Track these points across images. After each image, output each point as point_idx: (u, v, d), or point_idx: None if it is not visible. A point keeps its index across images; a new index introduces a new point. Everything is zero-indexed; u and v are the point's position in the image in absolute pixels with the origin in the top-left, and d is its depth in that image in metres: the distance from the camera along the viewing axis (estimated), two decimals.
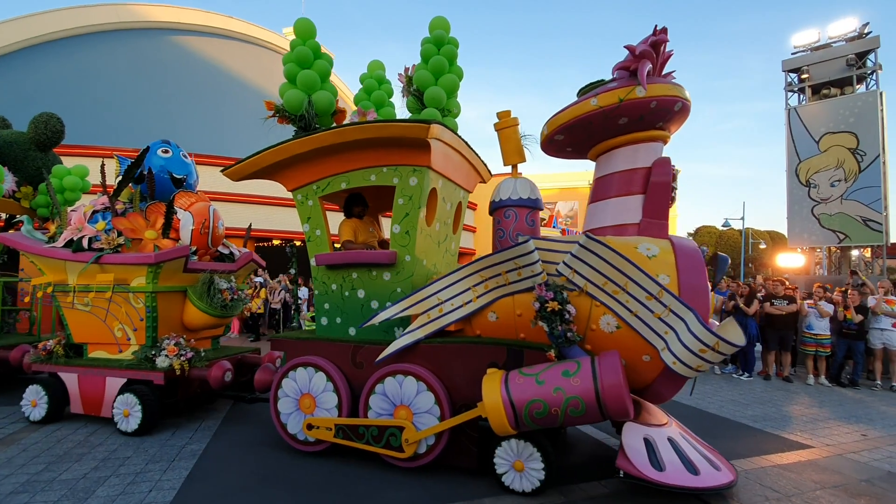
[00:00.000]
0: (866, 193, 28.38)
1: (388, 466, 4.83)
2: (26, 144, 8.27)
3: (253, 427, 6.14)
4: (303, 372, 5.09)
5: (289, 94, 5.26)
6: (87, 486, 4.33)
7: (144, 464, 4.87)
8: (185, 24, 25.08)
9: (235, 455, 5.18)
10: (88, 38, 21.12)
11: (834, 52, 29.68)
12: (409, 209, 5.00)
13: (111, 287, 6.05)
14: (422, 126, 4.63)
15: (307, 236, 5.41)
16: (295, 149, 5.14)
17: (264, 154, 5.27)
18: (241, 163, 5.39)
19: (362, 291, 5.17)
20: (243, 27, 28.10)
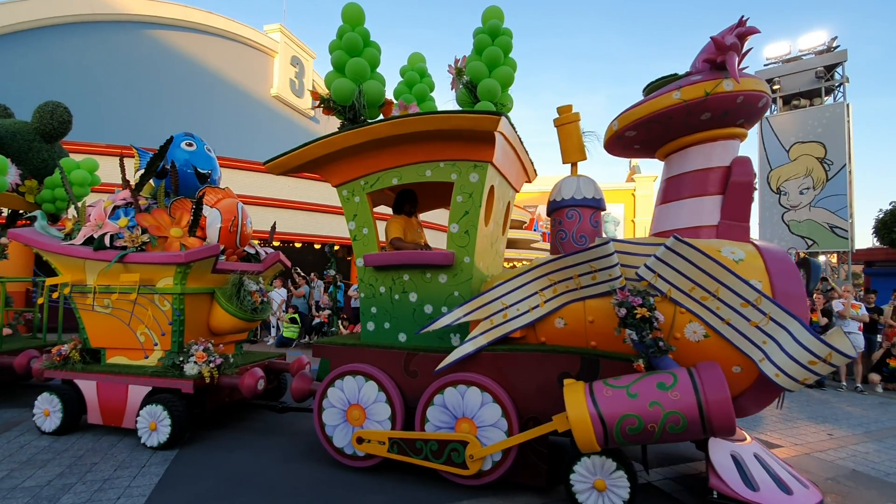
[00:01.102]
0: (833, 201, 28.71)
1: (367, 470, 4.49)
2: (31, 135, 7.49)
3: (228, 431, 5.67)
4: (351, 381, 4.50)
5: (338, 83, 4.67)
6: (52, 493, 3.95)
7: (113, 470, 4.46)
8: (163, 18, 23.51)
9: (209, 459, 4.78)
10: (60, 28, 19.57)
11: (804, 65, 29.98)
12: (468, 207, 4.46)
13: (136, 288, 5.37)
14: (492, 118, 4.10)
15: (353, 235, 4.82)
16: (346, 141, 4.56)
17: (312, 146, 4.67)
18: (285, 155, 4.78)
19: (414, 295, 4.61)
20: (224, 23, 26.55)
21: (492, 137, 4.26)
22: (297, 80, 31.05)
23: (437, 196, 5.81)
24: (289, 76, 30.45)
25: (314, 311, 12.85)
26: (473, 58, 5.13)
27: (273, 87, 29.55)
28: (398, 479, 4.36)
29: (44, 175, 7.49)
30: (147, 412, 5.14)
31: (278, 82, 29.69)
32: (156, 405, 5.12)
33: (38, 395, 5.46)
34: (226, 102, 26.50)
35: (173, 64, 24.05)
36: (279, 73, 29.82)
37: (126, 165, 5.91)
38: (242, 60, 27.76)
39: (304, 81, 31.46)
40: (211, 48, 26.07)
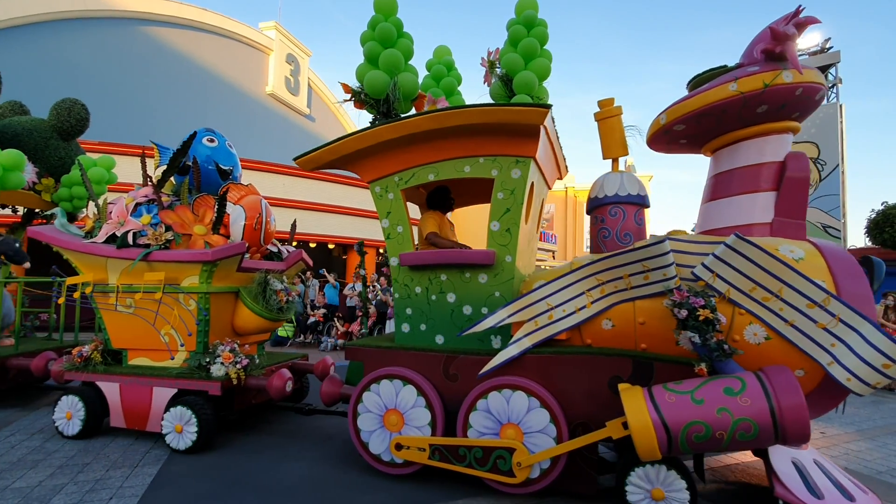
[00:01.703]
0: (826, 201, 28.46)
1: (361, 470, 4.34)
2: (47, 133, 7.16)
3: (223, 430, 5.41)
4: (388, 385, 4.22)
5: (371, 75, 4.37)
6: (43, 494, 3.81)
7: (105, 470, 4.30)
8: (156, 15, 22.69)
9: (203, 460, 4.60)
10: (52, 25, 18.84)
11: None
12: (510, 204, 4.17)
13: (161, 287, 5.07)
14: (538, 111, 3.81)
15: (386, 233, 4.53)
16: (382, 135, 4.26)
17: (346, 141, 4.36)
18: (318, 151, 4.47)
19: (452, 295, 4.32)
20: (219, 20, 25.70)
21: (537, 131, 3.98)
22: (293, 78, 30.24)
23: (471, 192, 5.51)
24: (284, 74, 29.61)
25: (309, 310, 12.54)
26: (508, 50, 4.83)
27: (268, 84, 28.75)
28: (395, 477, 4.20)
29: (60, 173, 7.17)
30: (173, 415, 4.85)
31: (273, 80, 28.86)
32: (182, 407, 4.83)
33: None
34: (220, 100, 25.74)
35: (167, 61, 23.29)
36: (274, 70, 28.99)
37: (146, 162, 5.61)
38: (237, 58, 26.97)
39: (299, 79, 30.68)
40: (205, 45, 25.31)
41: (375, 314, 11.92)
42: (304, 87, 31.11)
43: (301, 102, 30.70)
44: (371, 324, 11.74)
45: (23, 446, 4.90)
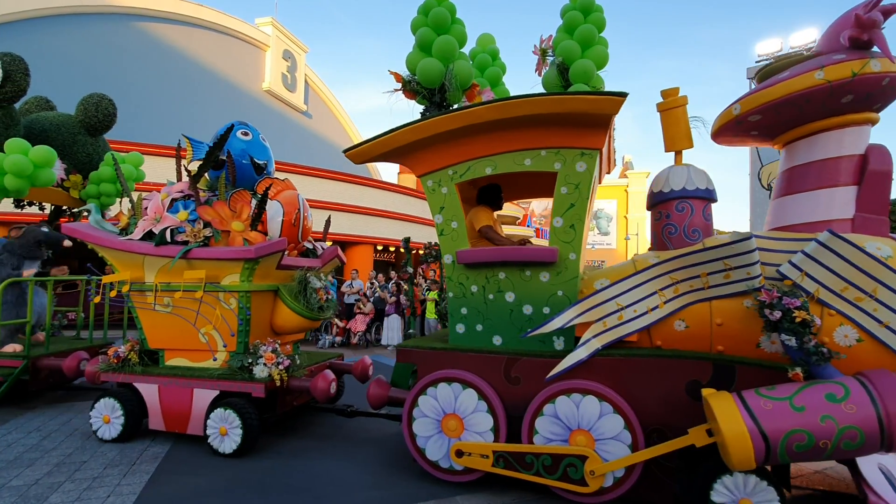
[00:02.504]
0: None
1: (362, 468, 4.24)
2: (75, 128, 6.80)
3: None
4: (446, 389, 3.90)
5: (425, 63, 4.04)
6: (40, 492, 3.70)
7: (102, 468, 4.16)
8: (152, 11, 21.97)
9: (200, 458, 4.46)
10: (48, 20, 18.20)
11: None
12: (574, 199, 3.85)
13: (202, 286, 4.74)
14: (614, 99, 3.49)
15: (440, 229, 4.20)
16: (439, 126, 3.92)
17: (400, 133, 4.03)
18: (369, 143, 4.13)
19: (511, 294, 4.00)
20: (214, 16, 24.97)
21: (607, 122, 3.66)
22: (290, 75, 29.47)
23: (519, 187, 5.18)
24: (281, 70, 28.84)
25: None
26: (563, 37, 4.50)
27: (265, 81, 27.99)
28: (393, 476, 4.12)
29: (88, 170, 6.81)
30: (217, 417, 4.53)
31: (270, 76, 28.11)
32: (226, 410, 4.51)
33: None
34: (217, 96, 24.97)
35: (163, 57, 22.55)
36: (271, 67, 28.23)
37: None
38: (233, 54, 26.22)
39: (296, 76, 29.93)
40: (201, 41, 24.57)
41: (373, 311, 11.77)
42: (301, 83, 30.33)
43: (298, 99, 29.92)
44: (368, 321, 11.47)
45: (20, 444, 4.71)
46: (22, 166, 5.40)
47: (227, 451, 4.48)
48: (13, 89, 5.71)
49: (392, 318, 11.62)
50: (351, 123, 34.79)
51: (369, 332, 12.03)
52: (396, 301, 11.63)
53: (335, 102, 33.75)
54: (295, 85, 29.87)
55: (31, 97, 7.18)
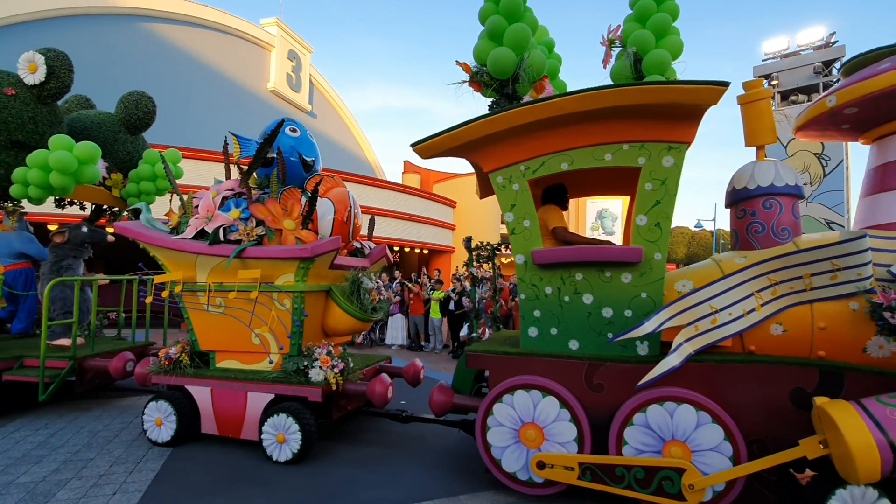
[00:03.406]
0: (830, 197, 27.49)
1: (364, 468, 4.10)
2: (115, 126, 6.49)
3: None
4: (524, 396, 3.56)
5: (497, 53, 3.69)
6: (47, 489, 3.63)
7: (109, 465, 4.08)
8: (157, 12, 21.28)
9: (206, 455, 4.35)
10: (54, 21, 17.65)
11: (802, 60, 28.58)
12: (660, 196, 3.50)
13: (258, 286, 4.42)
14: (715, 89, 3.14)
15: (510, 228, 3.85)
16: (518, 118, 3.57)
17: (473, 126, 3.67)
18: (440, 136, 3.78)
19: (589, 296, 3.65)
20: (220, 17, 24.20)
21: (701, 114, 3.31)
22: (294, 75, 28.66)
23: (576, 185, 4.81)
24: (285, 70, 28.04)
25: None
26: (634, 27, 4.14)
27: (270, 81, 27.22)
28: (393, 474, 4.02)
29: (128, 168, 6.50)
30: (274, 423, 4.22)
31: (275, 77, 27.32)
32: (284, 415, 4.20)
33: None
34: (222, 97, 24.26)
35: (168, 58, 21.93)
36: (276, 67, 27.44)
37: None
38: (238, 54, 25.46)
39: (301, 76, 29.10)
40: (206, 42, 23.85)
41: None
42: (306, 83, 29.51)
43: (303, 99, 29.13)
44: None
45: (27, 441, 4.60)
46: (67, 163, 5.09)
47: (284, 459, 4.17)
48: (57, 86, 5.40)
49: (396, 318, 11.29)
50: (356, 123, 34.24)
51: (374, 331, 11.69)
52: (401, 300, 11.29)
53: (340, 102, 33.11)
54: (300, 85, 29.08)
55: (71, 96, 6.89)
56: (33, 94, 5.39)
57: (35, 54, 5.37)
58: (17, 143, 5.30)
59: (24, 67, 5.38)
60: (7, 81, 5.26)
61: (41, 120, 5.44)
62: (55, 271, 5.56)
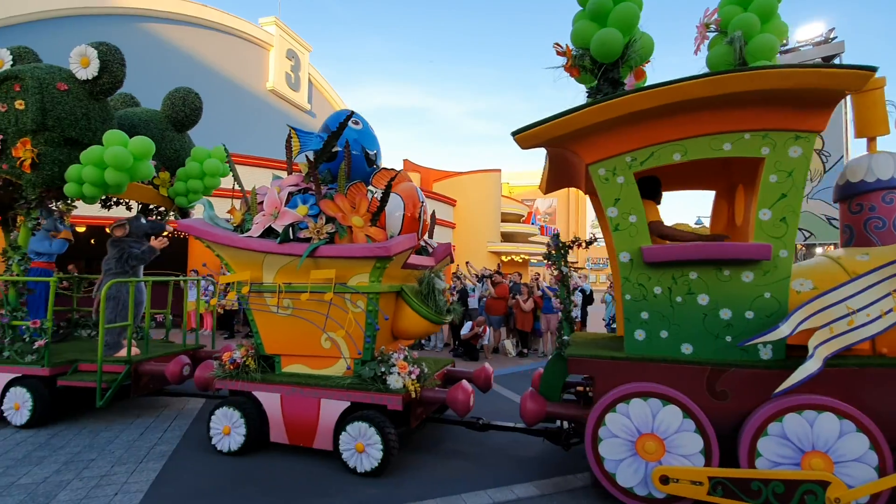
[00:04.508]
0: (830, 193, 27.17)
1: None
2: (163, 124, 6.13)
3: None
4: (641, 405, 3.21)
5: (603, 35, 3.34)
6: (48, 490, 3.55)
7: (110, 466, 3.98)
8: (156, 12, 20.67)
9: (207, 456, 4.21)
10: (53, 22, 17.08)
11: (801, 56, 28.23)
12: (786, 189, 3.16)
13: (332, 287, 4.06)
14: (861, 74, 2.83)
15: (614, 224, 3.50)
16: (635, 105, 3.21)
17: (583, 113, 3.31)
18: (544, 124, 3.41)
19: (705, 297, 3.30)
20: (218, 16, 23.58)
21: (836, 101, 2.98)
22: (293, 74, 27.98)
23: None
24: (284, 70, 27.35)
25: None
26: (734, 10, 3.78)
27: (269, 80, 26.55)
28: (395, 473, 3.88)
29: (175, 166, 6.13)
30: (353, 432, 3.86)
31: (274, 76, 26.65)
32: (364, 424, 3.83)
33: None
34: (221, 96, 23.18)
35: (167, 58, 21.24)
36: (275, 66, 26.76)
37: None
38: (237, 54, 24.76)
39: (299, 75, 28.43)
40: (205, 41, 23.21)
41: None
42: (305, 82, 28.87)
43: (302, 98, 28.48)
44: None
45: (28, 442, 4.45)
46: (123, 159, 4.73)
47: (364, 470, 3.81)
48: (110, 80, 5.05)
49: None
50: None
51: None
52: None
53: (339, 101, 32.58)
54: (299, 84, 28.40)
55: (117, 94, 6.52)
56: (86, 90, 5.03)
57: (87, 48, 5.01)
58: (69, 141, 4.94)
59: (75, 62, 5.02)
60: (59, 76, 4.90)
61: (94, 116, 5.08)
62: (120, 268, 5.19)
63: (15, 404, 4.71)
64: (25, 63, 5.17)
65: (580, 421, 3.68)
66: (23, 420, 4.70)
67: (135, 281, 5.00)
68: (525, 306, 9.35)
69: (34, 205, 4.96)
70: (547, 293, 9.28)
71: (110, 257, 5.21)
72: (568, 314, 3.91)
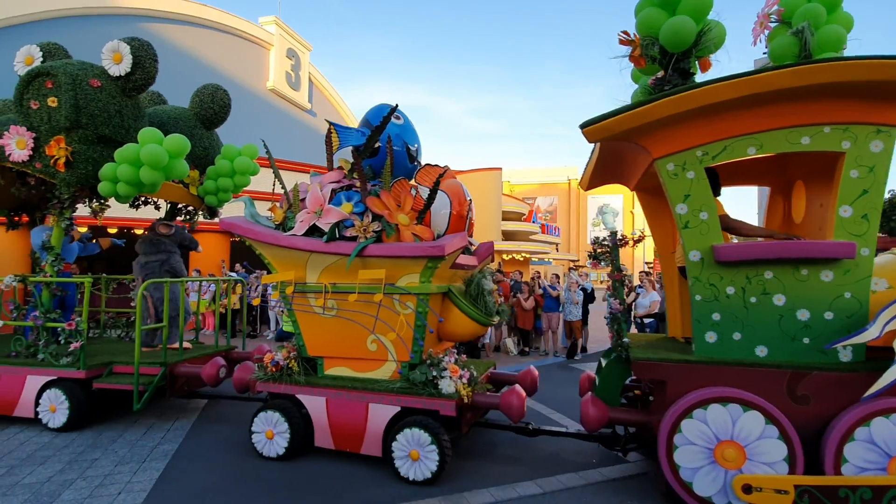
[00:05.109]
0: None
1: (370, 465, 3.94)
2: (192, 121, 5.99)
3: (228, 426, 4.93)
4: (720, 411, 3.06)
5: (676, 23, 3.20)
6: (53, 489, 3.54)
7: (113, 465, 3.96)
8: (156, 11, 20.44)
9: (210, 455, 4.23)
10: (54, 22, 16.86)
11: None
12: (867, 185, 3.03)
13: (382, 287, 3.92)
14: None
15: (683, 221, 3.36)
16: (717, 95, 3.04)
17: (662, 103, 3.13)
18: (619, 115, 3.25)
19: (781, 297, 3.16)
20: (218, 16, 23.28)
21: None
22: (293, 73, 27.52)
23: None
24: (285, 69, 26.91)
25: None
26: (798, 1, 3.64)
27: (269, 80, 26.17)
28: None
29: (205, 164, 5.99)
30: (407, 439, 3.71)
31: (274, 75, 26.24)
32: (418, 430, 3.69)
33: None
34: None
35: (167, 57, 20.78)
36: (275, 65, 26.34)
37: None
38: (237, 53, 24.43)
39: (300, 74, 28.01)
40: (205, 41, 22.91)
41: None
42: (305, 81, 28.49)
43: (302, 97, 28.11)
44: None
45: (32, 442, 4.42)
46: (159, 157, 4.59)
47: (419, 479, 3.66)
48: (143, 77, 4.91)
49: None
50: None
51: None
52: None
53: (339, 101, 32.38)
54: (299, 83, 28.01)
55: None
56: (118, 87, 4.89)
57: (120, 43, 4.88)
58: (102, 139, 4.80)
59: (108, 58, 4.87)
60: (92, 73, 4.76)
61: (126, 113, 4.95)
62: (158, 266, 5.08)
63: (51, 407, 4.57)
64: (56, 60, 5.03)
65: (644, 427, 3.54)
66: (59, 423, 4.58)
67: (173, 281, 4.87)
68: (526, 305, 9.26)
69: (67, 204, 4.82)
70: (548, 291, 9.21)
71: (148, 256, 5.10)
72: (626, 315, 3.76)
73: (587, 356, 9.49)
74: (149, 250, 5.14)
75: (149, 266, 5.09)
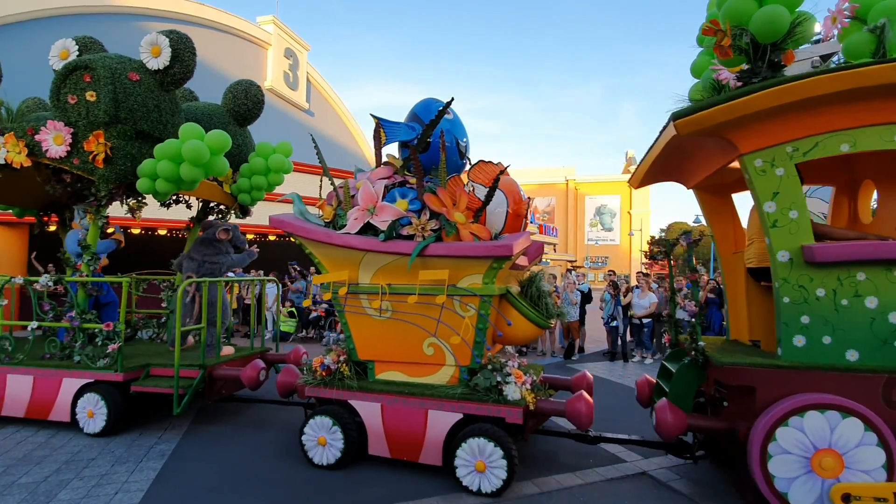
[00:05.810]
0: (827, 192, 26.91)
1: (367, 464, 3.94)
2: (225, 117, 5.83)
3: (224, 426, 4.96)
4: (818, 418, 2.93)
5: (769, 12, 3.05)
6: (49, 489, 3.54)
7: (110, 465, 3.96)
8: (154, 10, 20.36)
9: (207, 455, 4.23)
10: (50, 21, 16.73)
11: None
12: None
13: (445, 288, 3.76)
14: None
15: (771, 220, 3.22)
16: (819, 88, 2.89)
17: (761, 95, 2.96)
18: (716, 106, 3.08)
19: (874, 300, 3.03)
20: (216, 15, 23.27)
21: None
22: (291, 73, 27.52)
23: None
24: (283, 69, 26.91)
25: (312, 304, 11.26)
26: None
27: (267, 79, 26.03)
28: (395, 471, 3.87)
29: (238, 162, 5.82)
30: (472, 449, 3.55)
31: (272, 75, 26.19)
32: (484, 439, 3.53)
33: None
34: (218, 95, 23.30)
35: None
36: (273, 65, 26.33)
37: None
38: (235, 53, 24.35)
39: (298, 74, 27.99)
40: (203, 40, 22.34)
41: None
42: (303, 81, 28.43)
43: (300, 97, 28.05)
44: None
45: (29, 442, 4.42)
46: (200, 153, 4.42)
47: (486, 491, 3.50)
48: (181, 70, 4.75)
49: None
50: (353, 121, 33.37)
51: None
52: None
53: (337, 100, 32.24)
54: (297, 83, 27.91)
55: None
56: (156, 81, 4.73)
57: (159, 36, 4.71)
58: (140, 134, 4.64)
59: (146, 51, 4.72)
60: (131, 66, 4.60)
61: (164, 108, 4.79)
62: (218, 269, 4.96)
63: (88, 411, 4.40)
64: (92, 53, 4.86)
65: (725, 434, 3.40)
66: (97, 428, 4.42)
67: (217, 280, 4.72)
68: None
69: (104, 202, 4.64)
70: None
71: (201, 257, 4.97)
72: (701, 318, 3.62)
73: (584, 356, 9.56)
74: (208, 251, 4.99)
75: (205, 267, 4.94)
